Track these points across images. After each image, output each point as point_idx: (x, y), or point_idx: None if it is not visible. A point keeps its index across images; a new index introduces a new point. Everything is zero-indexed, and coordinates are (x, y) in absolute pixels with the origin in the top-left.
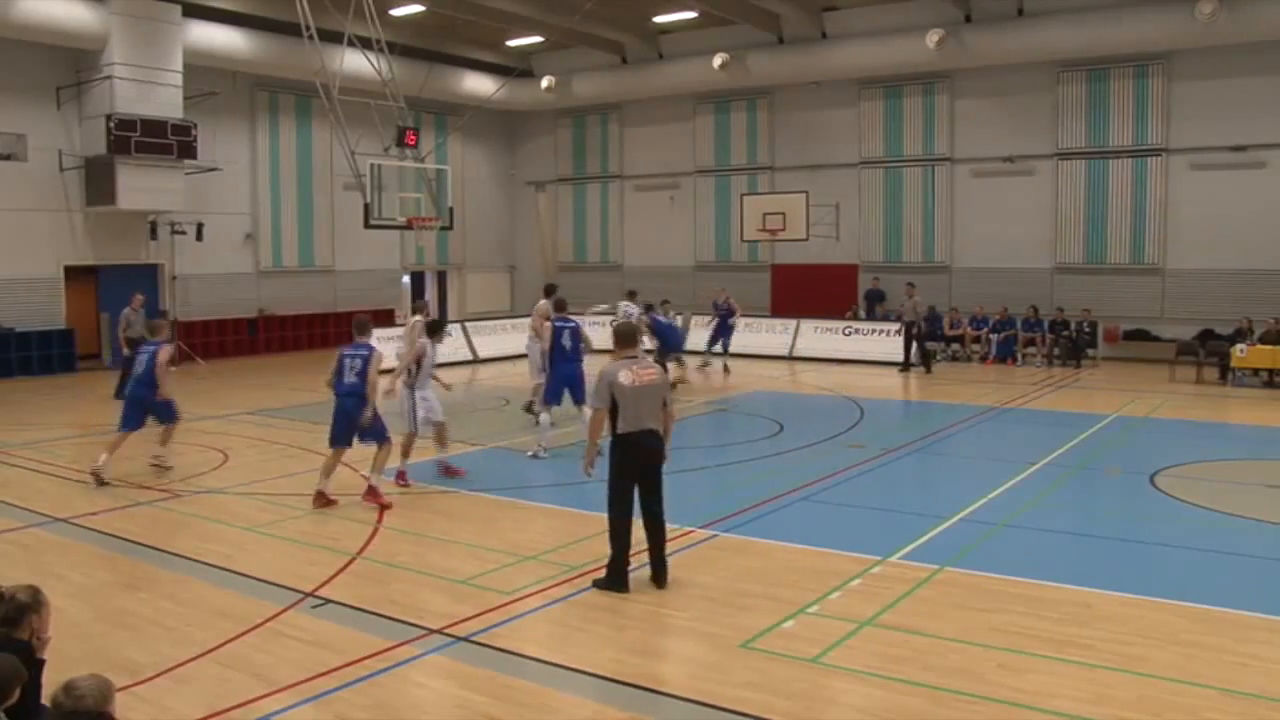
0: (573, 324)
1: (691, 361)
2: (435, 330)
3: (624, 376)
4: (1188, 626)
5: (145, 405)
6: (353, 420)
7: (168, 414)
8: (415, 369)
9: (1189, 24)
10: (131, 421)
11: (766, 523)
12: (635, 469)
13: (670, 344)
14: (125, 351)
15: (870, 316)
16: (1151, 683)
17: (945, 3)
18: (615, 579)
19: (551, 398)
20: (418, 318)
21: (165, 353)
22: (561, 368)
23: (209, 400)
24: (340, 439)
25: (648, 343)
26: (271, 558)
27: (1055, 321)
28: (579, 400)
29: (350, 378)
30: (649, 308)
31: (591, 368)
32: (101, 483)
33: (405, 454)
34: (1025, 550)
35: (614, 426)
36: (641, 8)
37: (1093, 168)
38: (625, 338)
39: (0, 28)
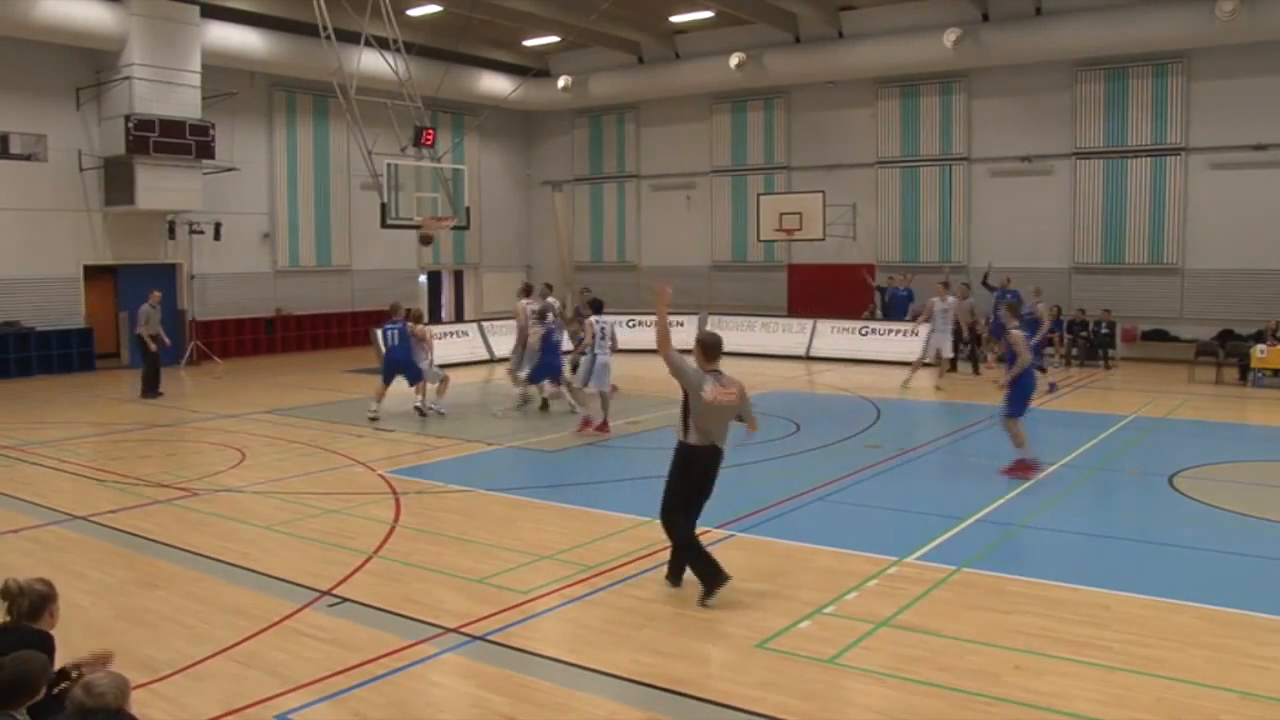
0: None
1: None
2: (598, 309)
3: (708, 390)
4: (1207, 629)
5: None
6: (396, 366)
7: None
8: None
9: (1209, 22)
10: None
11: (783, 523)
12: (692, 481)
13: None
14: (153, 348)
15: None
16: (1170, 685)
17: (963, 2)
18: (712, 575)
19: (541, 376)
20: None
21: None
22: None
23: (226, 399)
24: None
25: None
26: (289, 556)
27: (1074, 321)
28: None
29: (394, 342)
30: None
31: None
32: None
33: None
34: (1043, 551)
35: (684, 432)
36: (658, 7)
37: (1111, 167)
38: (712, 349)
39: (21, 29)
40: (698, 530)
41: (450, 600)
